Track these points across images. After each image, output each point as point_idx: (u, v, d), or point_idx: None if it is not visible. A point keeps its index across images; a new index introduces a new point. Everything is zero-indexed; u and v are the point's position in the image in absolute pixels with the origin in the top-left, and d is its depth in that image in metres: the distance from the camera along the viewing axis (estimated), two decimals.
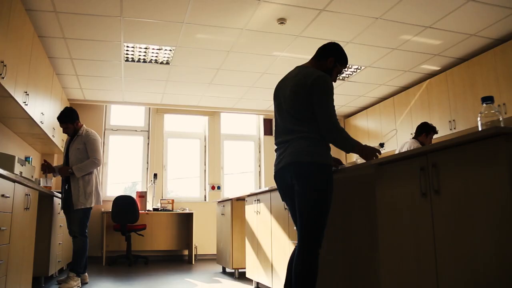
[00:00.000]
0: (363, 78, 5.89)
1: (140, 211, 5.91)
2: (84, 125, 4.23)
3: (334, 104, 2.32)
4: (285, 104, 2.37)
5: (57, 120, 4.09)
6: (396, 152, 4.66)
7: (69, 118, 4.02)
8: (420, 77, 5.83)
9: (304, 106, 2.28)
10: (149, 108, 7.13)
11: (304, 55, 5.05)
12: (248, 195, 4.20)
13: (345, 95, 6.62)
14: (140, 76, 5.71)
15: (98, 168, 4.15)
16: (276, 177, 2.43)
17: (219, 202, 5.22)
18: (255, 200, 3.94)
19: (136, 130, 7.07)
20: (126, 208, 5.79)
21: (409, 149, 4.67)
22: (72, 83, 5.88)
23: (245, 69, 5.53)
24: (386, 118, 6.60)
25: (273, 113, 2.60)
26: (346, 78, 5.86)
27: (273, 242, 3.56)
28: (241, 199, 4.61)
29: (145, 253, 6.39)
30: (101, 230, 6.18)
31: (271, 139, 7.54)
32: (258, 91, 6.46)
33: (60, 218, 4.44)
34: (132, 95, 6.51)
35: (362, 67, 5.48)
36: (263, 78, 5.91)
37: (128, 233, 5.92)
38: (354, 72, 5.65)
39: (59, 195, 4.23)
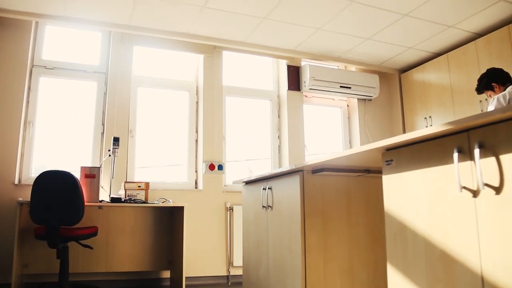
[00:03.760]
0: None
1: (86, 203, 3.18)
2: None
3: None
4: None
5: None
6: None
7: None
8: None
9: None
10: (110, 33, 4.36)
11: None
12: (408, 144, 1.53)
13: (425, 21, 4.14)
14: None
15: None
16: None
17: (252, 181, 2.58)
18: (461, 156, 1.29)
19: (85, 71, 4.29)
20: (58, 195, 3.04)
21: None
22: None
23: None
24: (490, 63, 4.17)
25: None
26: None
27: None
28: (334, 169, 2.03)
29: (94, 278, 3.66)
30: (11, 237, 3.37)
31: (298, 96, 4.95)
32: (284, 15, 3.93)
33: None
34: (81, 5, 3.75)
35: None
36: None
37: (63, 242, 3.18)
38: None
39: None
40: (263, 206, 2.42)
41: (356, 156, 1.78)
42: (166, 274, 4.01)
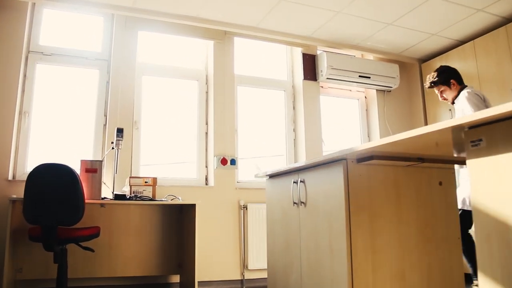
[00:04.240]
0: None
1: (86, 200, 2.85)
2: None
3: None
4: None
5: None
6: None
7: None
8: None
9: None
10: (113, 17, 4.03)
11: None
12: None
13: (453, 3, 3.82)
14: None
15: None
16: None
17: (278, 174, 2.24)
18: None
19: (86, 58, 3.95)
20: (55, 192, 2.71)
21: None
22: None
23: None
24: None
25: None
26: None
27: None
28: (384, 157, 1.69)
29: (96, 284, 3.33)
30: (3, 239, 3.03)
31: (315, 86, 4.62)
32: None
33: None
34: None
35: None
36: None
37: (61, 245, 2.84)
38: None
39: None
40: (294, 203, 2.09)
41: (419, 138, 1.44)
42: (175, 278, 3.67)
